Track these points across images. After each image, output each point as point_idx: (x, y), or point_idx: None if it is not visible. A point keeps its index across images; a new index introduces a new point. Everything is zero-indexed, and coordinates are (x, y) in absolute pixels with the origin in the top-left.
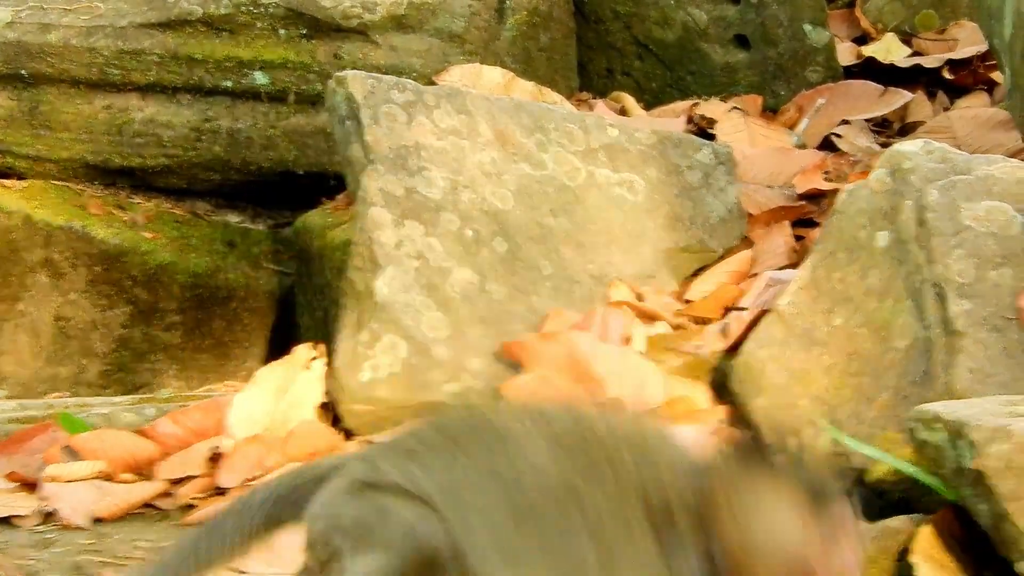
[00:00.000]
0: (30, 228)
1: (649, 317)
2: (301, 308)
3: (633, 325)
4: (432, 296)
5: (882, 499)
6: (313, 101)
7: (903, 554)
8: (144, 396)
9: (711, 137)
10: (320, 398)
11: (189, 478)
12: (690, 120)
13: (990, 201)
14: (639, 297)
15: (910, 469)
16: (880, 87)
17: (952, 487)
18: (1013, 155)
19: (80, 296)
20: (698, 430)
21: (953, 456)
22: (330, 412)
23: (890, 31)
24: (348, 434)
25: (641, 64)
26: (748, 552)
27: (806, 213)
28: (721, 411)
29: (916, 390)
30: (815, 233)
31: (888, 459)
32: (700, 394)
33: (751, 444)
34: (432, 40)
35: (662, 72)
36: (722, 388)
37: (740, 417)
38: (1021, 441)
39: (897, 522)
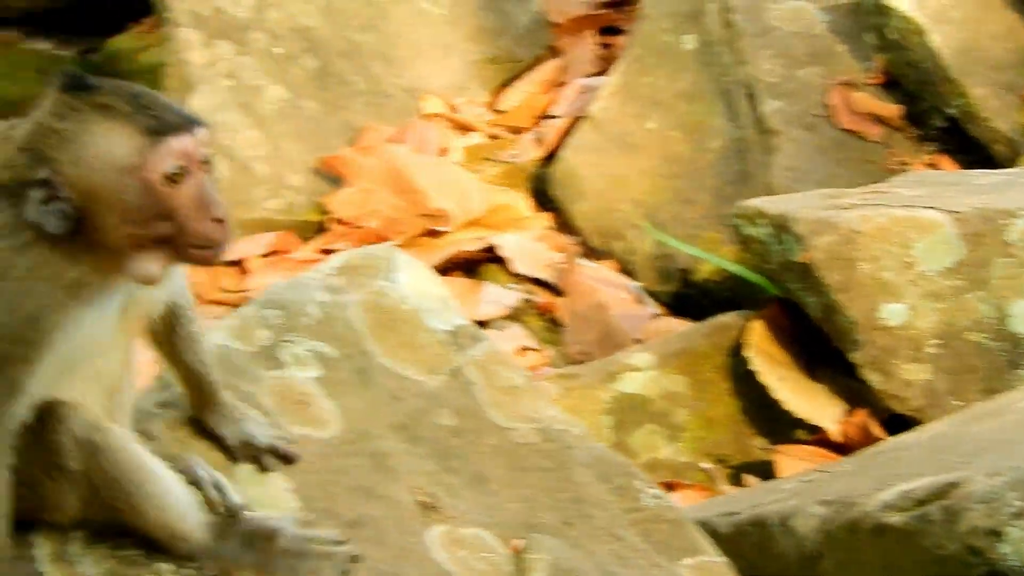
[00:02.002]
0: None
1: (463, 128)
2: None
3: (448, 136)
4: (247, 114)
5: (708, 298)
6: None
7: (736, 350)
8: None
9: None
10: None
11: None
12: None
13: (794, 1)
14: (452, 109)
15: (734, 267)
16: None
17: (779, 282)
18: None
19: None
20: (523, 237)
21: (779, 250)
22: None
23: None
24: None
25: None
26: (84, 174)
27: (611, 20)
28: (544, 218)
29: (734, 190)
30: (622, 40)
31: (712, 258)
32: (521, 202)
33: (75, 75)
34: None
35: None
36: (542, 195)
37: (563, 223)
38: (846, 232)
39: (728, 318)
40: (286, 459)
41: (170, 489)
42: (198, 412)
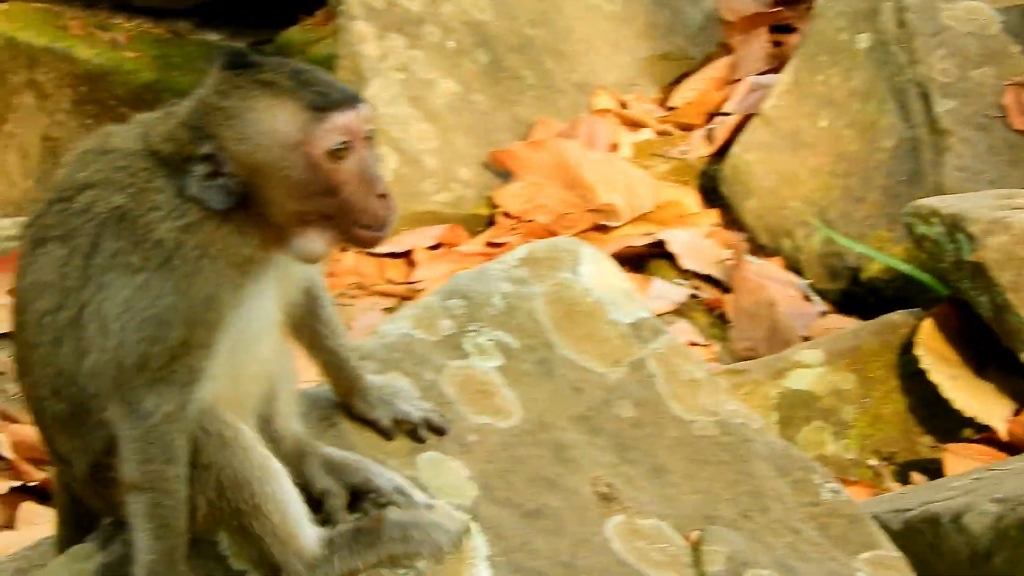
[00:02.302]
0: (13, 50)
1: (634, 124)
2: None
3: (618, 132)
4: (418, 107)
5: (876, 297)
6: None
7: (905, 348)
8: None
9: None
10: None
11: None
12: None
13: (970, 1)
14: (622, 105)
15: (904, 266)
16: None
17: (950, 281)
18: None
19: (66, 116)
20: (692, 233)
21: (951, 249)
22: None
23: None
24: None
25: None
26: (249, 150)
27: (783, 18)
28: (713, 214)
29: (905, 189)
30: (793, 38)
31: (881, 257)
32: (690, 198)
33: (237, 53)
34: None
35: None
36: (711, 192)
37: (732, 220)
38: (1020, 232)
39: (898, 316)
40: (439, 431)
41: (292, 497)
42: (344, 398)
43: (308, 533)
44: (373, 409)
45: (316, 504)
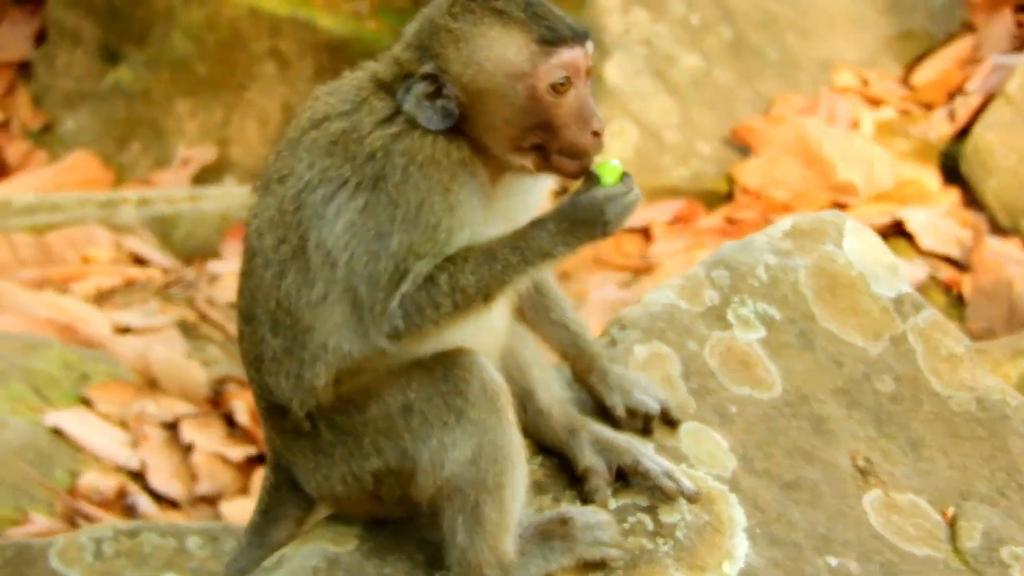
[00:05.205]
0: (256, 18)
1: (875, 102)
2: None
3: (859, 109)
4: (660, 82)
5: None
6: None
7: None
8: None
9: None
10: None
11: None
12: None
13: None
14: (864, 82)
15: None
16: None
17: None
18: None
19: (306, 85)
20: (931, 212)
21: None
22: None
23: None
24: None
25: None
26: (473, 74)
27: None
28: (952, 194)
29: None
30: None
31: None
32: (930, 177)
33: None
34: None
35: None
36: (951, 171)
37: (972, 199)
38: None
39: None
40: (674, 424)
41: (523, 493)
42: (581, 376)
43: (514, 535)
44: (611, 393)
45: (572, 479)
